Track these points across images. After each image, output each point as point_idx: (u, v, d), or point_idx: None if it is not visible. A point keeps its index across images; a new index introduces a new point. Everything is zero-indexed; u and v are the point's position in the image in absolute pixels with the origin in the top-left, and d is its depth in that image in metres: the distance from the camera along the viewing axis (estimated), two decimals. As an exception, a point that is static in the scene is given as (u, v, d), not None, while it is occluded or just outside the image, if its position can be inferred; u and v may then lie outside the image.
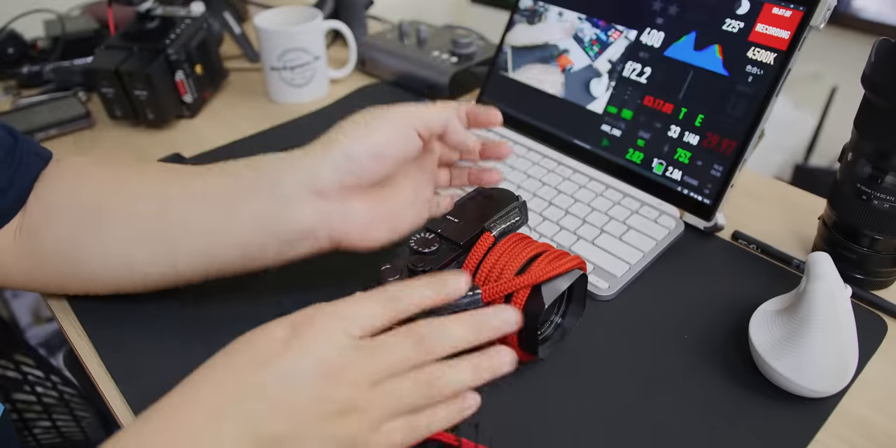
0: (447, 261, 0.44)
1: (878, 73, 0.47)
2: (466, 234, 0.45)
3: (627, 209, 0.61)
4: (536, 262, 0.43)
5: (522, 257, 0.43)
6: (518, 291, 0.42)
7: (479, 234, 0.45)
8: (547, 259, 0.43)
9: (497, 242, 0.45)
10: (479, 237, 0.45)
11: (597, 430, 0.43)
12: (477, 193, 0.50)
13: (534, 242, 0.45)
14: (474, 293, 0.41)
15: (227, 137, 0.78)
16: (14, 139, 0.50)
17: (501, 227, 0.45)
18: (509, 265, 0.43)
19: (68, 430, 0.72)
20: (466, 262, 0.44)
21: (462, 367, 0.34)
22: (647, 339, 0.50)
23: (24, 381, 0.74)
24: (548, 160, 0.68)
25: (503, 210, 0.47)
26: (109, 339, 0.50)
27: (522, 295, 0.42)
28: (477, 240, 0.45)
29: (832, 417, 0.44)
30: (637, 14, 0.62)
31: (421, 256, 0.44)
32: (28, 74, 0.88)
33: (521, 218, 0.48)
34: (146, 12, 0.79)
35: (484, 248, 0.44)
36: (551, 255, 0.44)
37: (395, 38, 0.90)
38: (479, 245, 0.44)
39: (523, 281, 0.41)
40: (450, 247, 0.45)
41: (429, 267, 0.43)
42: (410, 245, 0.45)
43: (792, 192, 0.67)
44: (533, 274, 0.41)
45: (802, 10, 0.52)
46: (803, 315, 0.44)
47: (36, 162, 0.50)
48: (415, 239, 0.45)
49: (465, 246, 0.45)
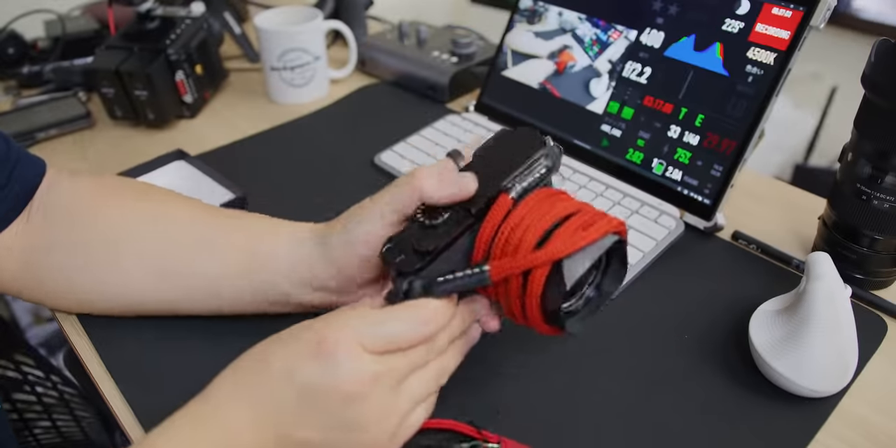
0: (457, 234, 0.38)
1: (878, 73, 0.47)
2: (480, 198, 0.39)
3: (627, 209, 0.61)
4: (561, 229, 0.36)
5: (546, 221, 0.36)
6: (535, 269, 0.35)
7: (495, 196, 0.38)
8: (573, 226, 0.36)
9: (517, 204, 0.38)
10: (494, 201, 0.38)
11: (597, 429, 0.43)
12: (497, 140, 0.42)
13: (563, 200, 0.38)
14: (481, 270, 0.36)
15: (227, 137, 0.78)
16: (7, 146, 0.48)
17: (523, 185, 0.38)
18: (528, 233, 0.36)
19: (68, 430, 0.72)
20: (480, 233, 0.38)
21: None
22: (648, 339, 0.50)
23: (25, 380, 0.74)
24: (548, 160, 0.68)
25: (527, 161, 0.39)
26: (109, 338, 0.50)
27: (541, 273, 0.35)
28: (492, 204, 0.38)
29: (832, 417, 0.44)
30: (637, 14, 0.62)
31: (426, 232, 0.38)
32: (28, 74, 0.88)
33: (549, 169, 0.40)
34: (146, 12, 0.79)
35: (500, 214, 0.37)
36: (581, 218, 0.36)
37: (395, 39, 0.90)
38: (494, 211, 0.38)
39: (540, 257, 0.35)
40: (461, 215, 0.39)
41: (434, 245, 0.37)
42: (416, 216, 0.40)
43: (792, 192, 0.67)
44: (553, 247, 0.35)
45: (802, 10, 0.52)
46: (803, 315, 0.44)
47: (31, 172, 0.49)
48: (422, 206, 0.40)
49: (479, 214, 0.38)
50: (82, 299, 0.49)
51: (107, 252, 0.47)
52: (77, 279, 0.48)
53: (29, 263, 0.47)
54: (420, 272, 0.38)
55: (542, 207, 0.37)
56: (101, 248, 0.47)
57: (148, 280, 0.47)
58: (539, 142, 0.41)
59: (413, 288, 0.38)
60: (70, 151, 0.77)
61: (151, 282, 0.47)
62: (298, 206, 0.65)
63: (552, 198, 0.38)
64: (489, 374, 0.47)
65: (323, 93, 0.88)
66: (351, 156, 0.73)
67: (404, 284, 0.38)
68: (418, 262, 0.38)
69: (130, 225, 0.48)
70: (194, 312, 0.48)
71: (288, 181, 0.69)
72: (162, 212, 0.48)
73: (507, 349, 0.49)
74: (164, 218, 0.48)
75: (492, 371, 0.47)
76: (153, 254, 0.47)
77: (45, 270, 0.48)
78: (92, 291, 0.48)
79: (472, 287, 0.37)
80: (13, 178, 0.47)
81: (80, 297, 0.49)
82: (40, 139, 0.78)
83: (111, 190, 0.50)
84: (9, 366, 0.75)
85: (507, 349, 0.49)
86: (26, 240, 0.47)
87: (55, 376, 0.78)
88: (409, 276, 0.38)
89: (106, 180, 0.52)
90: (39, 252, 0.47)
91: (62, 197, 0.49)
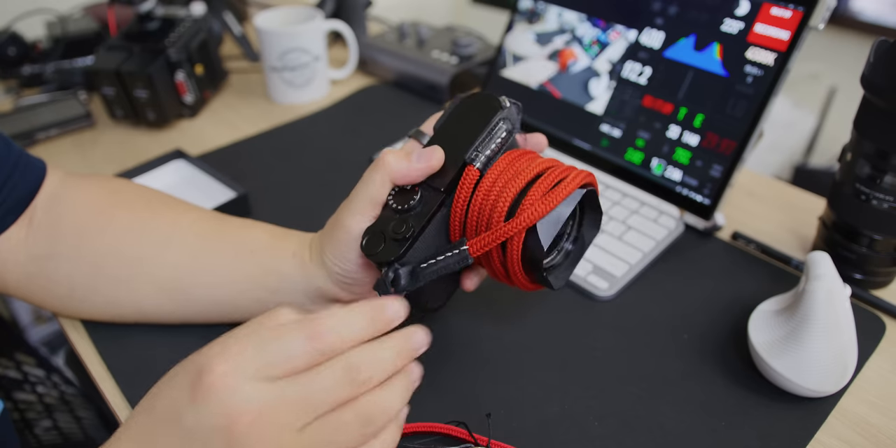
0: (431, 214, 0.38)
1: (877, 74, 0.47)
2: (447, 174, 0.38)
3: (627, 209, 0.61)
4: (529, 193, 0.36)
5: (514, 187, 0.37)
6: (511, 239, 0.36)
7: (461, 169, 0.38)
8: (541, 188, 0.36)
9: (484, 174, 0.38)
10: (461, 174, 0.38)
11: (597, 429, 0.43)
12: (455, 109, 0.42)
13: (529, 160, 0.38)
14: (461, 251, 0.37)
15: (227, 138, 0.78)
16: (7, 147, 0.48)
17: (486, 154, 0.38)
18: (500, 202, 0.37)
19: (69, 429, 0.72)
20: (453, 208, 0.39)
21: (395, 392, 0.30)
22: (647, 339, 0.50)
23: (25, 380, 0.74)
24: (548, 160, 0.68)
25: (486, 128, 0.39)
26: (110, 338, 0.50)
27: (517, 242, 0.36)
28: (459, 178, 0.38)
29: (831, 417, 0.44)
30: (637, 14, 0.62)
31: (401, 218, 0.38)
32: (29, 75, 0.89)
33: (510, 132, 0.40)
34: (147, 13, 0.79)
35: (469, 186, 0.38)
36: (548, 177, 0.37)
37: (395, 39, 0.91)
38: (462, 184, 0.38)
39: (513, 227, 0.36)
40: (431, 194, 0.39)
41: (410, 230, 0.37)
42: (389, 202, 0.39)
43: (791, 192, 0.68)
44: (524, 215, 0.36)
45: (802, 11, 0.53)
46: (802, 315, 0.44)
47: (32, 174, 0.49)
48: (393, 193, 0.39)
49: (448, 189, 0.38)
50: (91, 310, 0.49)
51: (118, 269, 0.47)
52: (85, 291, 0.48)
53: (35, 271, 0.47)
54: (402, 259, 0.38)
55: (509, 172, 0.37)
56: (112, 265, 0.47)
57: (161, 301, 0.47)
58: (496, 104, 0.40)
59: (399, 275, 0.38)
60: (70, 152, 0.77)
61: (164, 303, 0.48)
62: (298, 207, 0.65)
63: (518, 161, 0.38)
64: (480, 374, 0.47)
65: (323, 93, 0.88)
66: (351, 156, 0.73)
67: (389, 273, 0.38)
68: (398, 250, 0.37)
69: (143, 247, 0.47)
70: (210, 323, 0.49)
71: (288, 181, 0.69)
72: (172, 233, 0.48)
73: (499, 349, 0.49)
74: (176, 240, 0.47)
75: (483, 372, 0.47)
76: (165, 279, 0.47)
77: (51, 279, 0.48)
78: (102, 304, 0.48)
79: (457, 268, 0.37)
80: (12, 180, 0.47)
81: (88, 307, 0.49)
82: (41, 139, 0.78)
83: (119, 201, 0.49)
84: (10, 365, 0.75)
85: (500, 349, 0.49)
86: (32, 246, 0.47)
87: (56, 376, 0.78)
88: (392, 265, 0.38)
89: (112, 186, 0.51)
90: (45, 260, 0.47)
91: (69, 205, 0.48)
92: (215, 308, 0.48)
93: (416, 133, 0.42)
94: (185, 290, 0.47)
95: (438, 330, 0.51)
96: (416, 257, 0.38)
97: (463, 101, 0.41)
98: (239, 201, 0.63)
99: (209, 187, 0.66)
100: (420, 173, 0.39)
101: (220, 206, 0.61)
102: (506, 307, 0.53)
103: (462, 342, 0.50)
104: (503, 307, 0.53)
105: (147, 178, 0.68)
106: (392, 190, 0.39)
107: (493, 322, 0.52)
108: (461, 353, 0.49)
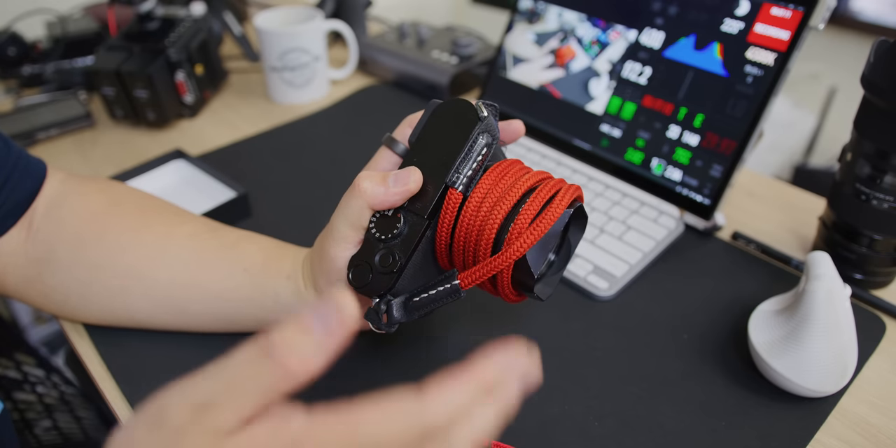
0: (416, 243, 0.37)
1: (877, 74, 0.47)
2: (428, 198, 0.37)
3: (627, 209, 0.61)
4: (516, 221, 0.35)
5: (500, 214, 0.36)
6: (500, 272, 0.36)
7: (443, 193, 0.37)
8: (526, 217, 0.35)
9: (468, 197, 0.37)
10: (443, 198, 0.37)
11: (597, 429, 0.43)
12: (431, 118, 0.39)
13: (512, 179, 0.37)
14: (452, 286, 0.36)
15: (227, 138, 0.78)
16: (7, 148, 0.48)
17: (468, 174, 0.37)
18: (485, 230, 0.36)
19: (69, 430, 0.72)
20: (438, 232, 0.37)
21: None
22: (647, 339, 0.50)
23: (25, 380, 0.74)
24: (547, 160, 0.68)
25: (466, 143, 0.37)
26: (110, 338, 0.50)
27: (506, 274, 0.36)
28: (442, 202, 0.37)
29: (831, 417, 0.44)
30: (637, 14, 0.62)
31: (386, 247, 0.37)
32: (29, 75, 0.89)
33: (490, 145, 0.38)
34: (147, 13, 0.79)
35: (452, 211, 0.37)
36: (532, 205, 0.36)
37: (395, 39, 0.91)
38: (446, 209, 0.37)
39: (503, 261, 0.35)
40: (414, 220, 0.37)
41: (398, 262, 0.36)
42: (371, 232, 0.38)
43: (791, 192, 0.68)
44: (514, 248, 0.35)
45: (802, 11, 0.53)
46: (803, 315, 0.44)
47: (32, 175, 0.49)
48: (374, 220, 0.38)
49: (432, 214, 0.37)
50: (88, 316, 0.49)
51: (112, 280, 0.47)
52: (80, 299, 0.48)
53: (33, 275, 0.47)
54: (392, 290, 0.37)
55: (494, 194, 0.36)
56: (106, 276, 0.47)
57: (156, 312, 0.48)
58: (472, 116, 0.38)
59: (391, 307, 0.37)
60: (70, 152, 0.77)
61: (159, 314, 0.48)
62: (298, 207, 0.65)
63: (502, 179, 0.37)
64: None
65: (323, 93, 0.88)
66: (351, 156, 0.73)
67: (382, 305, 0.37)
68: (388, 282, 0.37)
69: (137, 260, 0.47)
70: (198, 326, 0.49)
71: (288, 181, 0.69)
72: (166, 246, 0.47)
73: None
74: (170, 255, 0.47)
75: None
76: (159, 293, 0.47)
77: (47, 284, 0.47)
78: (97, 311, 0.48)
79: (449, 301, 0.36)
80: (12, 182, 0.47)
81: (84, 313, 0.49)
82: (41, 139, 0.78)
83: (117, 211, 0.49)
84: (9, 365, 0.75)
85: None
86: (31, 250, 0.47)
87: (56, 376, 0.78)
88: (384, 297, 0.37)
89: (112, 194, 0.50)
90: (43, 265, 0.47)
91: (69, 210, 0.48)
92: (212, 321, 0.48)
93: (389, 140, 0.41)
94: (179, 305, 0.47)
95: (438, 330, 0.51)
96: (405, 286, 0.37)
97: (438, 109, 0.39)
98: (239, 201, 0.63)
99: (209, 187, 0.66)
100: (398, 198, 0.37)
101: (221, 206, 0.61)
102: (505, 307, 0.53)
103: (462, 342, 0.50)
104: (503, 307, 0.53)
105: (147, 178, 0.68)
106: (373, 216, 0.38)
107: (493, 322, 0.52)
108: (461, 353, 0.49)
